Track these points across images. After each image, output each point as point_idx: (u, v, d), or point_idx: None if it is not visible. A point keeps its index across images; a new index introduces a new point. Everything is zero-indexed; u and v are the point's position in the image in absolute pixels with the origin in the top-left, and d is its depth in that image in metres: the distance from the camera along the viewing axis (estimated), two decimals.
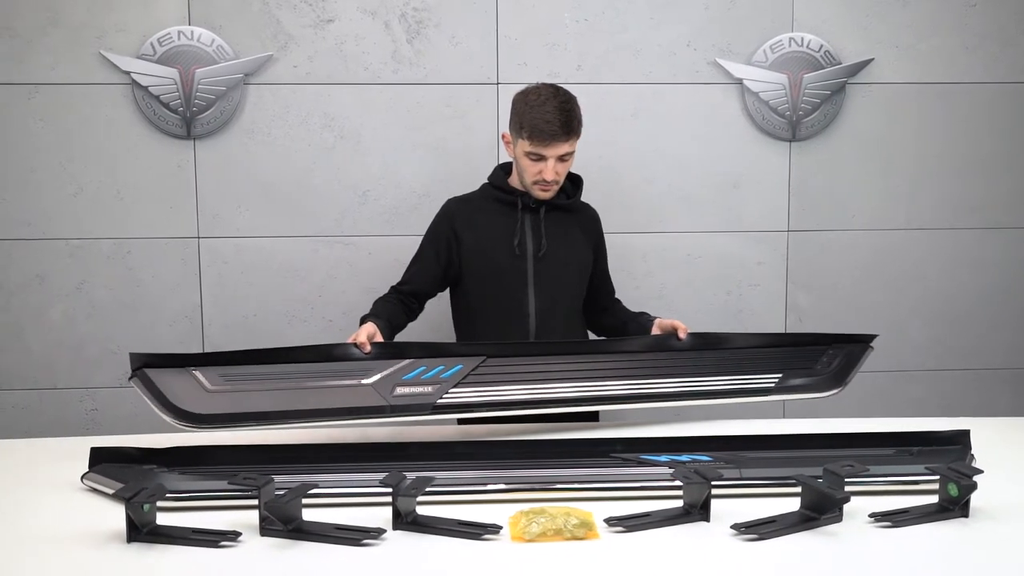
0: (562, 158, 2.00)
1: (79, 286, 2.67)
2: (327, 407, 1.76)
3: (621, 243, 2.77)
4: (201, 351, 2.66)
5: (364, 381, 1.81)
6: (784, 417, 2.86)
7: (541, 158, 1.98)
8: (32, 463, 1.75)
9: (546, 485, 1.52)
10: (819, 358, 2.04)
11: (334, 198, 2.70)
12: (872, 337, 2.08)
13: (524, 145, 1.99)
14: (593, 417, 2.13)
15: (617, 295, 2.78)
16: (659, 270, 2.81)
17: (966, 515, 1.44)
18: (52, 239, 2.64)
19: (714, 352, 2.01)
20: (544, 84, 2.04)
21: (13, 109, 2.58)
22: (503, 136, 2.09)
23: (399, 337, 2.14)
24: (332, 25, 2.63)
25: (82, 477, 1.59)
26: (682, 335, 1.99)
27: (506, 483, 1.52)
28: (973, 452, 1.70)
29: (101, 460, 1.61)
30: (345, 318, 2.73)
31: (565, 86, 2.64)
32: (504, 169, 2.17)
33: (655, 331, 2.07)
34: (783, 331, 2.85)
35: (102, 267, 2.67)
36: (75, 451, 1.68)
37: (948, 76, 2.77)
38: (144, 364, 1.71)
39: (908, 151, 2.81)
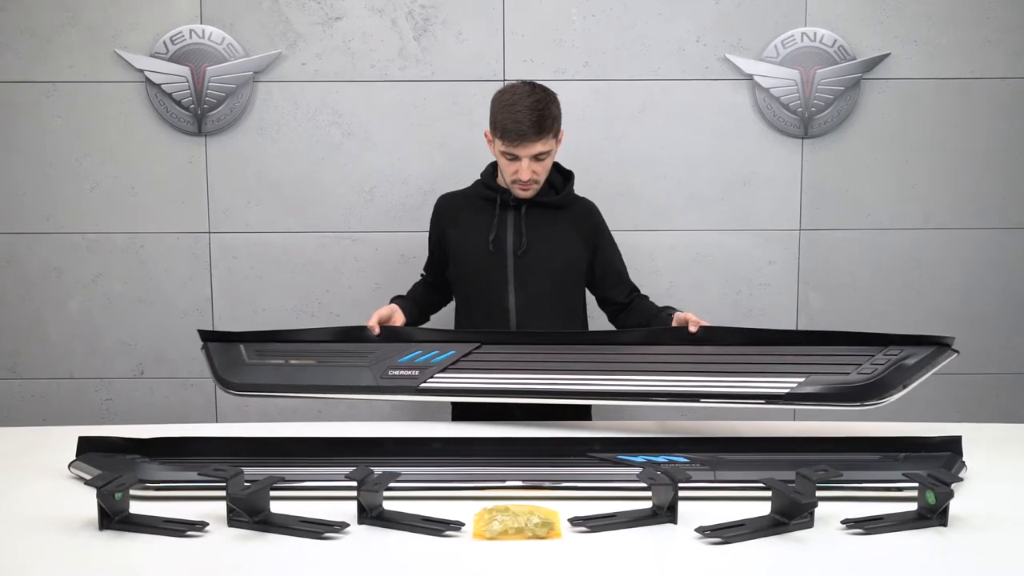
0: (537, 157, 1.98)
1: (95, 279, 2.75)
2: (325, 383, 1.92)
3: (628, 241, 2.72)
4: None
5: (365, 362, 1.93)
6: (795, 420, 2.81)
7: (515, 158, 1.98)
8: (29, 450, 1.80)
9: (516, 483, 1.51)
10: (862, 363, 1.75)
11: (342, 194, 2.73)
12: (951, 339, 1.76)
13: (499, 145, 1.99)
14: (585, 413, 2.12)
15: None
16: (667, 269, 2.78)
17: (944, 524, 1.40)
18: (69, 233, 2.72)
19: (736, 348, 1.82)
20: (521, 83, 2.03)
21: (32, 107, 2.66)
22: (485, 134, 2.09)
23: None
24: (340, 23, 2.66)
25: (69, 465, 1.63)
26: (692, 328, 1.86)
27: (476, 480, 1.52)
28: (964, 459, 1.65)
29: (88, 449, 1.65)
30: (351, 313, 2.76)
31: (572, 83, 2.67)
32: (495, 166, 2.17)
33: (673, 325, 1.96)
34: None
35: (117, 261, 2.74)
36: (72, 439, 1.72)
37: (969, 71, 2.68)
38: (210, 338, 1.99)
39: (926, 148, 2.73)
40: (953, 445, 1.66)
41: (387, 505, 1.43)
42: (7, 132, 2.67)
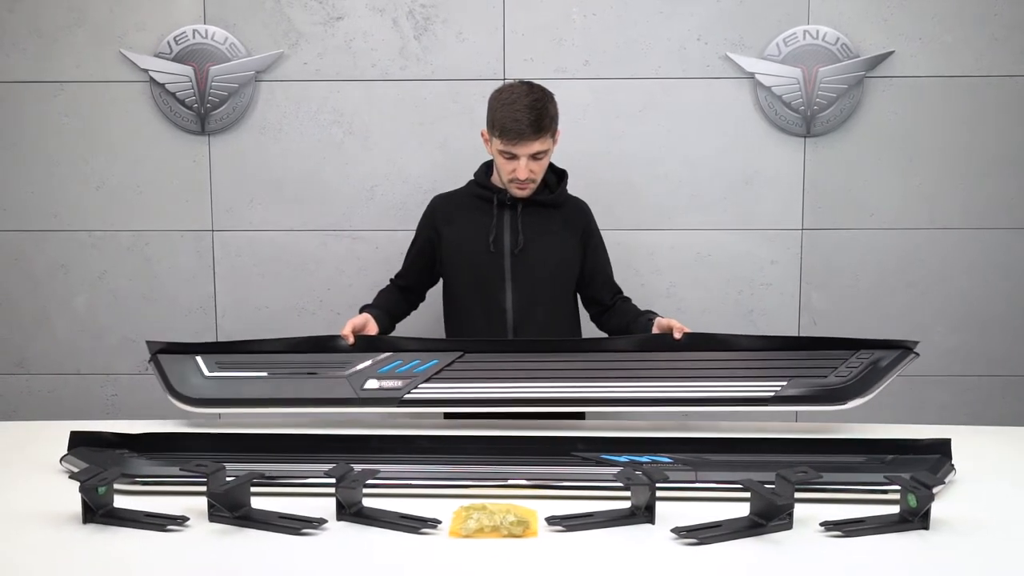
0: (535, 156, 1.98)
1: (101, 276, 2.78)
2: (301, 396, 1.87)
3: (629, 240, 2.75)
4: (213, 340, 2.76)
5: (341, 373, 1.89)
6: (797, 420, 2.79)
7: (513, 157, 1.98)
8: (24, 444, 1.83)
9: (495, 481, 1.52)
10: (838, 366, 1.84)
11: (343, 193, 2.75)
12: (914, 343, 1.84)
13: (497, 144, 1.99)
14: (578, 413, 2.11)
15: (625, 293, 2.76)
16: (668, 268, 2.77)
17: (926, 527, 1.38)
18: (76, 231, 2.76)
19: (717, 355, 1.88)
20: (519, 82, 2.03)
21: (40, 106, 2.71)
22: (482, 134, 2.09)
23: (402, 325, 2.25)
24: (341, 22, 2.67)
25: (61, 459, 1.65)
26: (677, 335, 1.90)
27: (456, 478, 1.53)
28: (955, 462, 1.62)
29: (79, 444, 1.68)
30: (352, 311, 2.72)
31: (573, 82, 2.67)
32: (489, 166, 2.17)
33: (655, 331, 2.00)
34: (796, 333, 2.77)
35: (122, 258, 2.78)
36: (65, 434, 1.74)
37: (975, 69, 2.65)
38: (160, 351, 1.94)
39: (931, 147, 2.69)
40: (942, 447, 1.64)
41: (368, 502, 1.45)
42: (15, 131, 2.72)
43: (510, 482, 1.52)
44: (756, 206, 2.73)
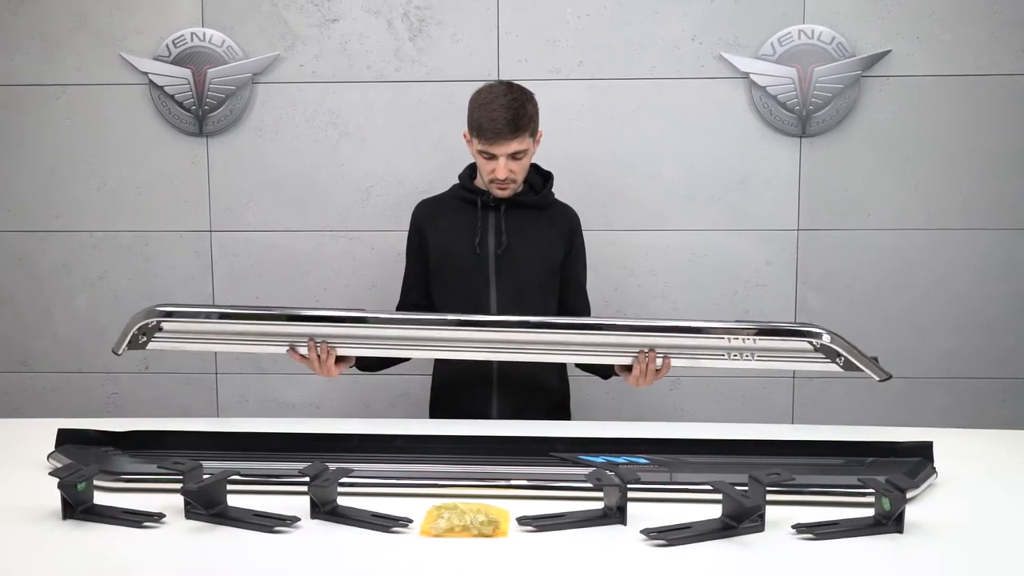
0: (515, 156, 1.98)
1: (101, 276, 2.82)
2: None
3: (624, 241, 2.75)
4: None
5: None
6: (793, 422, 2.78)
7: (492, 156, 1.98)
8: (18, 440, 1.85)
9: (470, 481, 1.52)
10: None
11: (339, 193, 2.77)
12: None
13: (476, 144, 1.99)
14: (565, 413, 2.12)
15: (617, 292, 2.76)
16: (663, 269, 2.76)
17: (900, 530, 1.37)
18: (77, 231, 2.80)
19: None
20: (498, 82, 2.04)
21: (43, 109, 2.75)
22: (464, 135, 2.09)
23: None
24: (337, 24, 2.69)
25: (48, 456, 1.68)
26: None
27: (431, 477, 1.54)
28: (938, 466, 1.61)
29: (66, 441, 1.70)
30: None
31: (567, 82, 2.68)
32: (472, 168, 2.18)
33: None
34: None
35: (123, 258, 2.81)
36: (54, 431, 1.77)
37: (974, 68, 2.62)
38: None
39: (930, 147, 2.67)
40: (923, 450, 1.63)
41: (344, 500, 1.46)
42: (19, 133, 2.76)
43: (484, 482, 1.52)
44: (751, 207, 2.72)
